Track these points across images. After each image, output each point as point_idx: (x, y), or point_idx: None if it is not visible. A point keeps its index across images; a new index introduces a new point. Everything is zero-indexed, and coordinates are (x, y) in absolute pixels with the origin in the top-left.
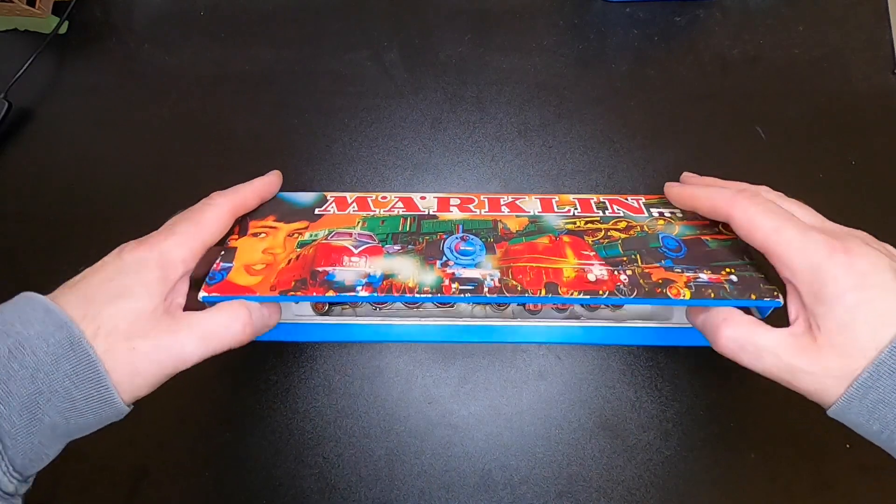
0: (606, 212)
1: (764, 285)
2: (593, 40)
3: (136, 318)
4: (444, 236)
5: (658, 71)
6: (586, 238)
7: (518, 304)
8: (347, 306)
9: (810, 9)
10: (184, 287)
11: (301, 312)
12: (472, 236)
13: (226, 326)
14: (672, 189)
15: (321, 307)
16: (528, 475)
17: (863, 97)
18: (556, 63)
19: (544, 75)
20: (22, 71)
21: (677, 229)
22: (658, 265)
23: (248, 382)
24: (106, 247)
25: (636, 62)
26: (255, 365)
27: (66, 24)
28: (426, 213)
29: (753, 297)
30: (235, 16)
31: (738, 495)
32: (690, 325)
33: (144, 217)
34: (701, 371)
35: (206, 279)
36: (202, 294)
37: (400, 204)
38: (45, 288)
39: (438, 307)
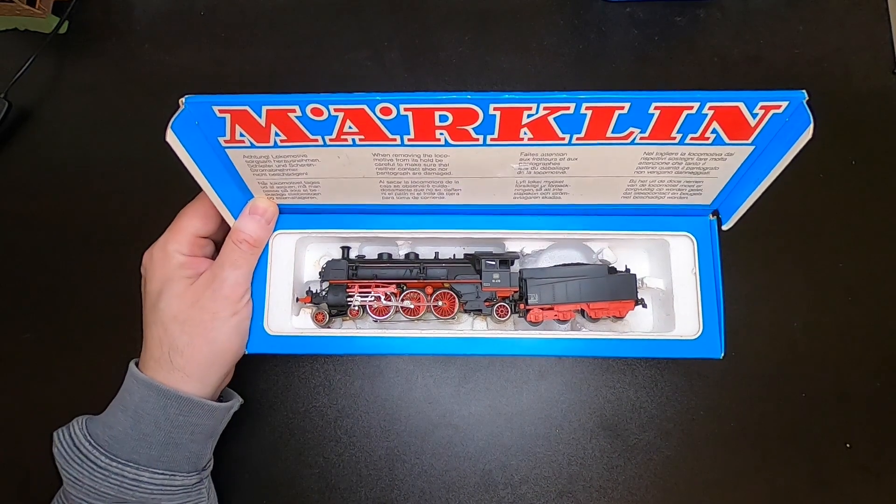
0: None
1: None
2: (593, 40)
3: (178, 302)
4: None
5: (658, 71)
6: None
7: (519, 316)
8: (348, 318)
9: (810, 9)
10: (198, 262)
11: (303, 325)
12: None
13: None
14: None
15: (322, 319)
16: (528, 475)
17: (863, 97)
18: (556, 63)
19: (544, 75)
20: (22, 71)
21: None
22: None
23: (248, 382)
24: (105, 246)
25: (636, 62)
26: (255, 365)
27: (66, 24)
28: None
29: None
30: (235, 16)
31: (738, 495)
32: (693, 337)
33: (144, 217)
34: (701, 371)
35: None
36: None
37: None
38: (44, 285)
39: (439, 318)
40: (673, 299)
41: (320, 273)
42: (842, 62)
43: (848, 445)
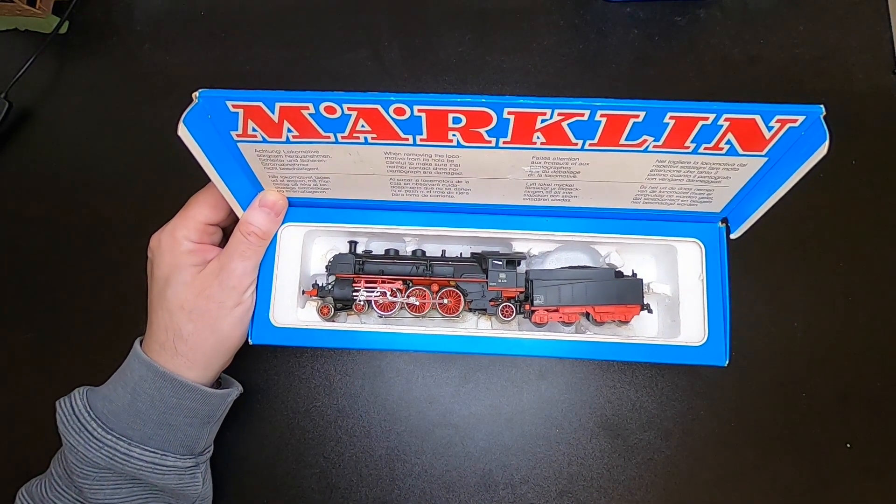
0: None
1: None
2: (593, 40)
3: (185, 291)
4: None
5: (658, 71)
6: None
7: (524, 317)
8: (353, 313)
9: (810, 9)
10: (206, 249)
11: (307, 318)
12: None
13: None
14: None
15: (327, 312)
16: (528, 475)
17: (863, 97)
18: (556, 63)
19: (544, 75)
20: (22, 71)
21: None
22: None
23: (248, 382)
24: (106, 246)
25: (636, 62)
26: (256, 364)
27: (66, 24)
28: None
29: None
30: (235, 16)
31: (738, 495)
32: (698, 344)
33: (144, 216)
34: (701, 371)
35: None
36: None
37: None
38: (45, 285)
39: (444, 316)
40: (679, 305)
41: (327, 267)
42: (842, 62)
43: (848, 445)
